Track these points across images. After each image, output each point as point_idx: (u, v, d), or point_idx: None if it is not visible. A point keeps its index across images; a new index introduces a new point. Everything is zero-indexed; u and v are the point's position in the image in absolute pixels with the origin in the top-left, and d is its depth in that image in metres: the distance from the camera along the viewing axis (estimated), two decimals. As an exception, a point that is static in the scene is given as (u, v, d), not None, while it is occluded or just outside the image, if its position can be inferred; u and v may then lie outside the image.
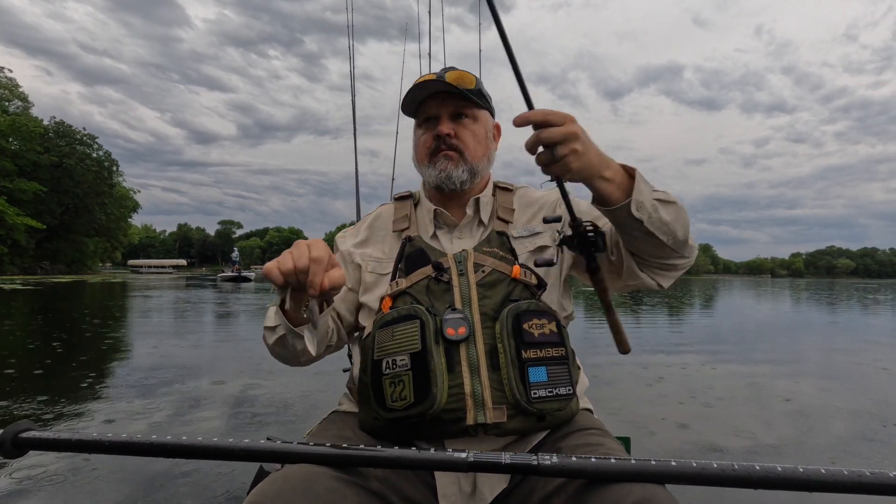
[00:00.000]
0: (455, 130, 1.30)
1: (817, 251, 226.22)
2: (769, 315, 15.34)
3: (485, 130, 1.35)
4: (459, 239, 1.32)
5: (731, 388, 5.23)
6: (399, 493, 0.98)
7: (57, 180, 52.37)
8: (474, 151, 1.31)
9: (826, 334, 10.65)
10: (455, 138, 1.30)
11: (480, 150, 1.33)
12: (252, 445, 0.80)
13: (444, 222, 1.34)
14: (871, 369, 6.41)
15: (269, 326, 1.16)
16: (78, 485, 2.74)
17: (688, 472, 0.73)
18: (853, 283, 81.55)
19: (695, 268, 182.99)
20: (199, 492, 2.67)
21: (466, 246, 1.27)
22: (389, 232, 1.37)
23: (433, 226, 1.34)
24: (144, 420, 3.97)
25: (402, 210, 1.39)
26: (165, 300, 18.32)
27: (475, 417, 1.01)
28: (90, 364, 6.14)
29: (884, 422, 4.11)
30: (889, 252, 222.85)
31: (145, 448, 0.80)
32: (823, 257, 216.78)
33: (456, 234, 1.33)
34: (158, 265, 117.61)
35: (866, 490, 0.67)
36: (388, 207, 1.45)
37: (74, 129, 58.38)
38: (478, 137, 1.32)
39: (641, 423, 4.01)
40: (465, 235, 1.32)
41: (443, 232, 1.34)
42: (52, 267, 52.76)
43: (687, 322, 12.59)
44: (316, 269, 0.91)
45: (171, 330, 9.88)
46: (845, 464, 1.11)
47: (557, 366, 1.07)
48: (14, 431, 0.81)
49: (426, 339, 1.04)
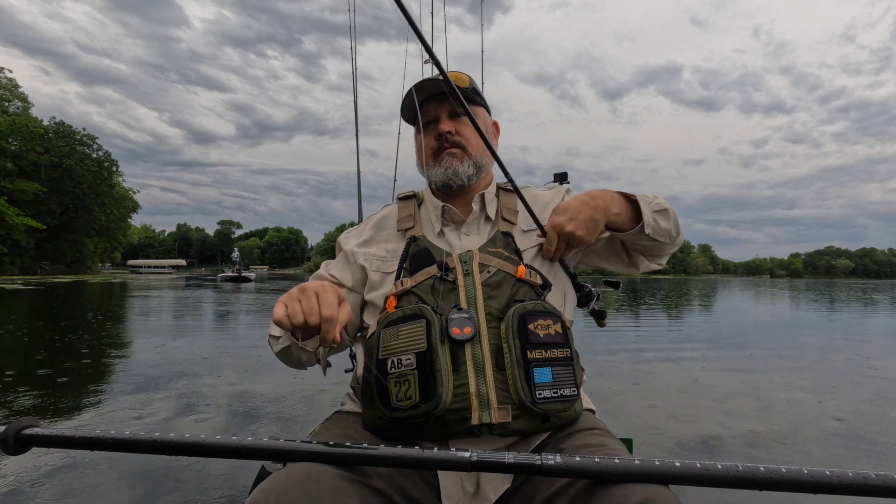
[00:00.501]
0: (456, 128, 1.33)
1: (816, 251, 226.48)
2: (770, 315, 15.34)
3: (485, 126, 1.36)
4: (467, 235, 1.32)
5: (732, 387, 5.23)
6: (402, 493, 0.98)
7: (57, 180, 52.44)
8: (477, 147, 1.34)
9: (828, 333, 10.64)
10: (457, 135, 1.32)
11: (482, 145, 1.33)
12: (255, 443, 0.80)
13: (452, 219, 1.35)
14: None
15: (274, 336, 1.19)
16: (78, 482, 2.74)
17: (692, 473, 0.72)
18: (852, 283, 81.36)
19: (694, 268, 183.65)
20: (202, 490, 2.67)
21: (473, 243, 1.28)
22: (394, 231, 1.37)
23: (440, 223, 1.34)
24: (149, 418, 3.96)
25: (406, 210, 1.39)
26: (168, 300, 18.27)
27: (480, 417, 1.01)
28: (98, 361, 6.16)
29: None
30: (888, 252, 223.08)
31: (148, 445, 0.80)
32: (822, 258, 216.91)
33: (463, 230, 1.34)
34: (158, 265, 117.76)
35: (871, 492, 0.67)
36: (392, 207, 1.46)
37: (74, 130, 58.47)
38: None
39: (643, 424, 4.00)
40: (472, 232, 1.33)
41: (450, 229, 1.34)
42: (51, 267, 52.80)
43: (688, 321, 12.58)
44: (328, 328, 0.94)
45: (175, 329, 9.86)
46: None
47: (562, 367, 1.07)
48: (17, 428, 0.81)
49: (432, 338, 1.04)
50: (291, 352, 1.15)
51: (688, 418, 4.16)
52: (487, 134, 1.35)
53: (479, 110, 1.37)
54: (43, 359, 6.24)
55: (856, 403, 4.71)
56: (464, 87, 1.30)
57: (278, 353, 1.24)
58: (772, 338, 9.72)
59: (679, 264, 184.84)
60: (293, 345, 1.11)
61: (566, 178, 3.24)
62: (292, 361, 1.22)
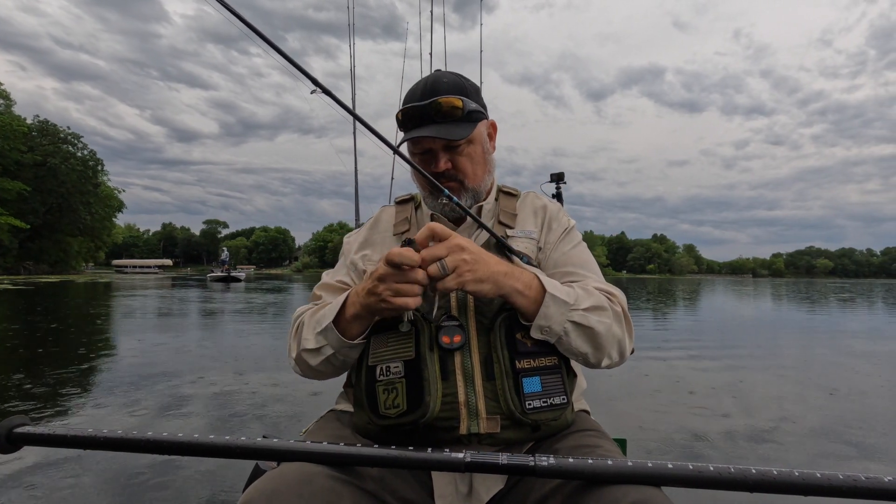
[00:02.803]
0: (452, 161, 1.27)
1: (797, 251, 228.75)
2: (756, 313, 15.50)
3: (482, 149, 1.31)
4: None
5: (724, 385, 5.30)
6: (395, 494, 0.98)
7: (41, 179, 51.71)
8: (474, 176, 1.29)
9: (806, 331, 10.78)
10: (453, 169, 1.27)
11: (480, 169, 1.31)
12: (248, 443, 0.80)
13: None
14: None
15: (311, 349, 1.14)
16: (69, 481, 2.72)
17: (684, 475, 0.73)
18: (831, 283, 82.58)
19: (679, 268, 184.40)
20: (194, 489, 2.66)
21: None
22: (390, 235, 1.36)
23: None
24: (143, 416, 3.94)
25: (403, 213, 1.39)
26: (163, 300, 18.25)
27: (468, 427, 1.01)
28: (102, 360, 6.21)
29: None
30: (866, 252, 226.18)
31: (141, 444, 0.80)
32: (803, 258, 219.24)
33: None
34: (144, 265, 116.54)
35: (862, 494, 0.68)
36: (389, 210, 1.45)
37: (58, 128, 57.59)
38: (476, 159, 1.29)
39: (635, 424, 4.04)
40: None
41: None
42: (35, 267, 52.07)
43: (674, 319, 12.69)
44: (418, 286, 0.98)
45: (173, 329, 9.92)
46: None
47: (551, 375, 1.06)
48: (8, 427, 0.80)
49: (420, 346, 1.04)
50: (335, 359, 1.12)
51: (681, 416, 4.21)
52: (485, 152, 1.32)
53: (477, 132, 1.29)
54: (83, 354, 6.21)
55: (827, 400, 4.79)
56: (458, 111, 1.24)
57: (316, 367, 1.16)
58: (757, 335, 9.83)
59: (665, 264, 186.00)
60: (343, 347, 1.10)
61: (563, 178, 3.25)
62: (332, 370, 1.18)
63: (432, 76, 1.31)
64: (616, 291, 1.16)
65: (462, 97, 1.25)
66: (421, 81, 1.31)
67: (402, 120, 1.27)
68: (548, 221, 1.35)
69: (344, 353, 1.11)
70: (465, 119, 1.25)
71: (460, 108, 1.24)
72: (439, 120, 1.23)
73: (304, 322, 1.20)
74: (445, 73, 1.33)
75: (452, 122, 1.24)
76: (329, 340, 1.10)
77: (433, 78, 1.29)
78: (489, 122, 1.36)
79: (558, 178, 3.19)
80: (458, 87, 1.27)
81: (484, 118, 1.33)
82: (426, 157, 1.28)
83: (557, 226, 1.34)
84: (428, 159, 1.28)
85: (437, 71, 1.38)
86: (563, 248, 1.30)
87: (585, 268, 1.26)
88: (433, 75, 1.32)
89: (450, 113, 1.23)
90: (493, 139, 1.38)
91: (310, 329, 1.16)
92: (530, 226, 1.33)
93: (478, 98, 1.32)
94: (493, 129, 1.38)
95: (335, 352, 1.11)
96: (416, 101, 1.25)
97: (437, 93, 1.24)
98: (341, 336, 1.09)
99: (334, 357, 1.12)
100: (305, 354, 1.16)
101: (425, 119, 1.24)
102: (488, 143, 1.35)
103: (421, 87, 1.28)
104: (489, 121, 1.36)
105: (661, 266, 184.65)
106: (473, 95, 1.30)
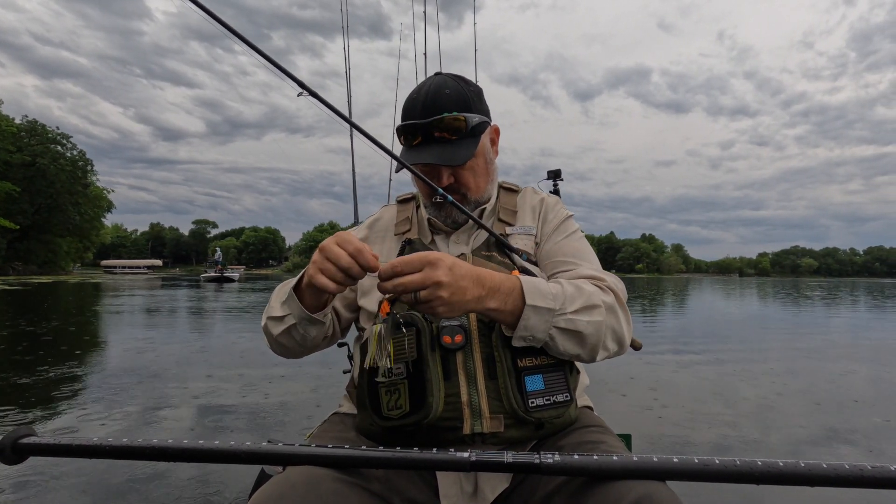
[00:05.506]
0: (455, 175, 1.24)
1: (782, 251, 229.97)
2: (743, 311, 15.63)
3: (484, 160, 1.28)
4: (456, 243, 1.29)
5: (722, 383, 5.35)
6: (401, 495, 0.98)
7: (30, 180, 51.19)
8: (477, 187, 1.27)
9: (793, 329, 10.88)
10: (456, 183, 1.25)
11: (483, 181, 1.29)
12: (254, 448, 0.79)
13: (440, 228, 1.32)
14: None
15: (275, 317, 1.13)
16: (70, 490, 2.70)
17: (690, 469, 0.73)
18: (816, 282, 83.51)
19: (667, 267, 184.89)
20: (201, 496, 2.65)
21: (464, 250, 1.25)
22: (391, 234, 1.35)
23: (430, 231, 1.33)
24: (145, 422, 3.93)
25: (403, 212, 1.38)
26: (167, 300, 18.25)
27: (472, 427, 1.01)
28: (104, 359, 6.33)
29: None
30: (849, 252, 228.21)
31: (146, 452, 0.79)
32: (788, 257, 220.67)
33: (453, 238, 1.31)
34: (133, 265, 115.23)
35: (867, 484, 0.68)
36: (390, 209, 1.44)
37: (47, 129, 56.99)
38: (478, 171, 1.26)
39: (639, 420, 4.09)
40: (462, 241, 1.30)
41: (440, 237, 1.32)
42: (24, 267, 51.52)
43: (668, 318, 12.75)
44: (362, 259, 0.92)
45: (172, 328, 10.01)
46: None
47: (554, 372, 1.06)
48: (14, 437, 0.79)
49: (422, 347, 1.03)
50: (295, 330, 1.11)
51: (683, 412, 4.24)
52: (487, 162, 1.29)
53: (481, 144, 1.24)
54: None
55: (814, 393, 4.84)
56: (461, 130, 1.20)
57: (278, 337, 1.15)
58: (747, 332, 9.90)
59: (653, 263, 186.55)
60: (303, 319, 1.08)
61: (559, 175, 3.25)
62: (293, 344, 1.16)
63: (433, 85, 1.23)
64: (609, 277, 1.14)
65: (465, 113, 1.20)
66: (421, 91, 1.24)
67: (401, 132, 1.25)
68: (544, 214, 1.35)
69: (304, 327, 1.11)
70: (468, 135, 1.21)
71: (463, 126, 1.20)
72: (441, 140, 1.20)
73: (275, 291, 1.20)
74: (446, 79, 1.25)
75: (456, 141, 1.20)
76: (291, 309, 1.10)
77: (434, 88, 1.22)
78: (492, 127, 1.31)
79: (555, 175, 3.20)
80: (460, 98, 1.21)
81: (487, 126, 1.27)
82: (428, 172, 1.25)
83: (553, 217, 1.34)
84: (429, 174, 1.24)
85: (437, 75, 1.30)
86: (556, 239, 1.28)
87: (577, 256, 1.23)
88: (434, 83, 1.24)
89: (453, 131, 1.20)
90: (496, 144, 1.35)
91: (277, 298, 1.16)
92: (529, 221, 1.33)
93: (480, 105, 1.27)
94: (495, 133, 1.33)
95: (296, 322, 1.10)
96: (417, 118, 1.21)
97: (439, 107, 1.19)
98: (300, 304, 1.08)
99: (295, 329, 1.11)
100: (270, 323, 1.15)
101: (427, 138, 1.21)
102: (491, 151, 1.32)
103: (421, 100, 1.21)
104: (492, 126, 1.31)
105: (649, 266, 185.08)
106: (476, 104, 1.25)
